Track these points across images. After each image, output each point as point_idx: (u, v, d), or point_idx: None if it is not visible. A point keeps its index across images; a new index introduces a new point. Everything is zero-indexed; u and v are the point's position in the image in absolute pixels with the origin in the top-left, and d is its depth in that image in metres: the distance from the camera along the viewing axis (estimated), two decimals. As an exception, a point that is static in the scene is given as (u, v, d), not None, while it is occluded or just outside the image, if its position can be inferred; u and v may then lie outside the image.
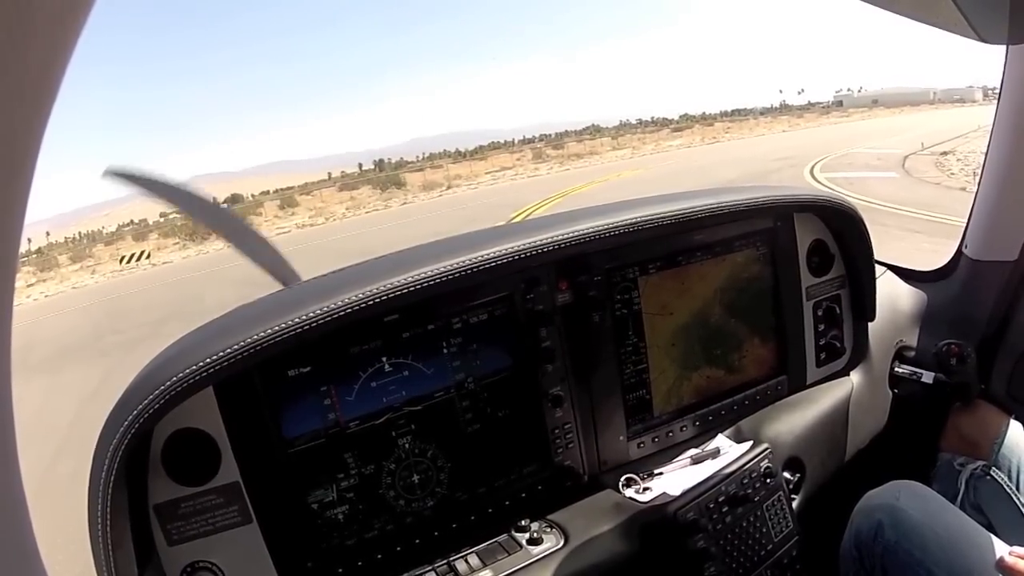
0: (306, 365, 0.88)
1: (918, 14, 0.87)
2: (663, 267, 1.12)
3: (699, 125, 49.39)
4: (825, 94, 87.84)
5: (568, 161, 32.74)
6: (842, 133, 25.51)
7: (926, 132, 17.33)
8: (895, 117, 39.01)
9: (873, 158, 14.45)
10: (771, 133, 37.33)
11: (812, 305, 1.29)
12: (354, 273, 0.90)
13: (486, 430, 1.02)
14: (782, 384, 1.27)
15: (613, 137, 44.48)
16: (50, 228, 40.83)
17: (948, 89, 58.70)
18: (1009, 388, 1.31)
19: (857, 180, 10.68)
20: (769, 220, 1.21)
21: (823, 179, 11.43)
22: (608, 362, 1.09)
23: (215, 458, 0.84)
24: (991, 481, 1.12)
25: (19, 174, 0.30)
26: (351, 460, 0.93)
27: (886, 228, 6.36)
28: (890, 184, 10.02)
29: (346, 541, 0.94)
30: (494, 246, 0.90)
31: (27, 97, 0.28)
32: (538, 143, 48.12)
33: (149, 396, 0.70)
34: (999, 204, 1.31)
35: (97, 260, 24.44)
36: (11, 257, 0.32)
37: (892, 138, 18.87)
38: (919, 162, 12.57)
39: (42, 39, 0.27)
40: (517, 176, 27.86)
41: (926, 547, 0.94)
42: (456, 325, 0.98)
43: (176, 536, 0.83)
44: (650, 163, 24.08)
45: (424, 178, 30.47)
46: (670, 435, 1.16)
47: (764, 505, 1.06)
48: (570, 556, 0.94)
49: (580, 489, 1.08)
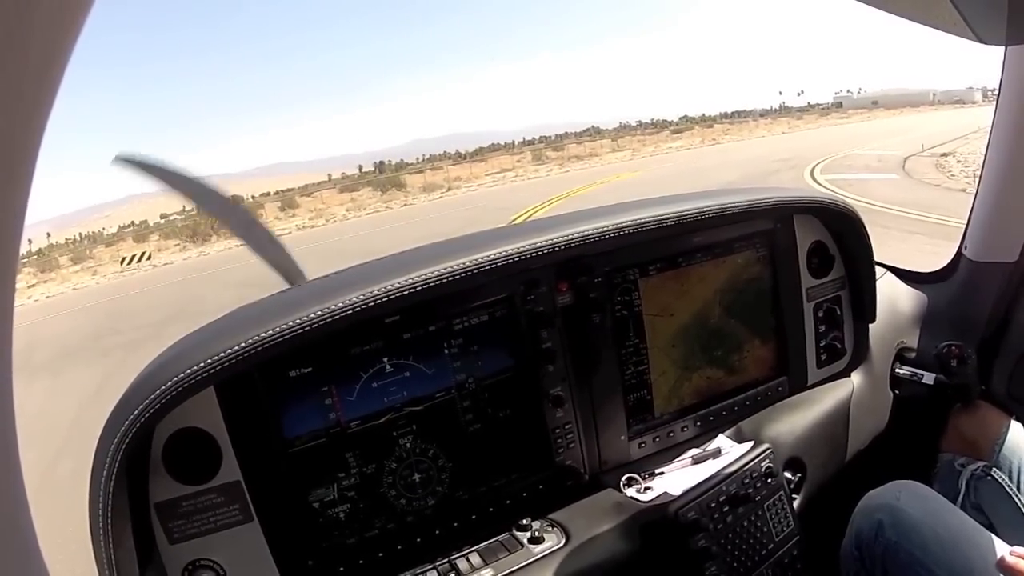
0: (307, 365, 0.88)
1: (916, 15, 0.87)
2: (663, 268, 1.12)
3: (699, 127, 49.42)
4: (825, 95, 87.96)
5: (568, 163, 32.72)
6: (842, 134, 25.48)
7: (926, 134, 17.32)
8: (895, 118, 39.02)
9: (873, 160, 14.47)
10: (771, 135, 37.28)
11: (812, 306, 1.29)
12: (355, 274, 0.90)
13: (487, 430, 1.02)
14: (783, 385, 1.27)
15: (613, 139, 44.49)
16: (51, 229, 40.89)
17: (948, 90, 58.75)
18: (1009, 389, 1.31)
19: (857, 182, 10.69)
20: (769, 222, 1.22)
21: (823, 180, 11.43)
22: (609, 363, 1.09)
23: (216, 457, 0.84)
24: (992, 481, 1.12)
25: (18, 175, 0.30)
26: (352, 459, 0.93)
27: (887, 230, 6.35)
28: (890, 186, 10.02)
29: (347, 540, 0.94)
30: (494, 248, 0.91)
31: (26, 97, 0.28)
32: (538, 145, 48.14)
33: (150, 396, 0.70)
34: (999, 205, 1.31)
35: (98, 261, 24.46)
36: (11, 258, 0.32)
37: (892, 139, 18.87)
38: (919, 164, 12.57)
39: (41, 39, 0.27)
40: (517, 178, 27.84)
41: (927, 547, 0.94)
42: (457, 326, 0.98)
43: (177, 534, 0.83)
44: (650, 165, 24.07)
45: (424, 180, 30.50)
46: (671, 435, 1.17)
47: (765, 505, 1.06)
48: (571, 555, 0.94)
49: (581, 488, 1.08)
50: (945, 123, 21.63)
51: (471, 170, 34.36)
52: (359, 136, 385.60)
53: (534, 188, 19.87)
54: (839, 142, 19.91)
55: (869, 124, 34.44)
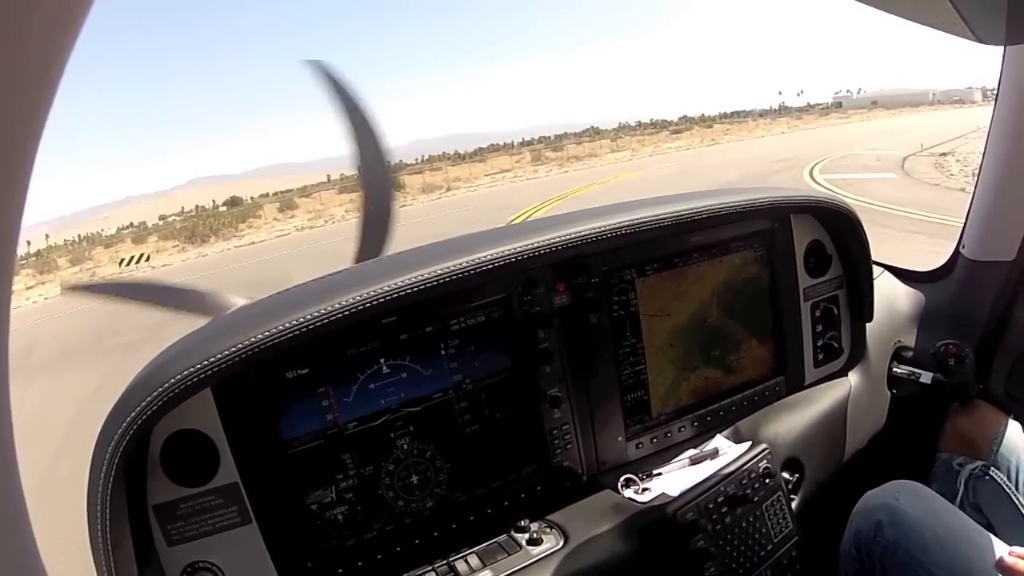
0: (304, 367, 0.88)
1: (915, 15, 0.87)
2: (660, 269, 1.12)
3: (698, 127, 49.40)
4: (824, 95, 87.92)
5: (567, 163, 32.65)
6: (841, 134, 25.42)
7: (926, 133, 17.30)
8: (894, 118, 38.93)
9: (872, 159, 14.46)
10: (770, 135, 37.14)
11: (810, 306, 1.29)
12: (352, 275, 0.90)
13: (485, 431, 1.02)
14: (780, 384, 1.28)
15: (611, 139, 44.45)
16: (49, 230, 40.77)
17: (948, 90, 58.79)
18: (1007, 388, 1.32)
19: (856, 181, 10.68)
20: (766, 221, 1.22)
21: (822, 180, 11.43)
22: (606, 363, 1.09)
23: (214, 459, 0.84)
24: (990, 481, 1.12)
25: (17, 175, 0.30)
26: (350, 461, 0.93)
27: (886, 229, 6.36)
28: (889, 185, 10.02)
29: (346, 541, 0.94)
30: (491, 248, 0.90)
31: (25, 97, 0.28)
32: (537, 145, 48.07)
33: (147, 398, 0.70)
34: (996, 204, 1.31)
35: (96, 263, 24.37)
36: (9, 258, 0.32)
37: (891, 139, 18.84)
38: (918, 163, 12.57)
39: (41, 39, 0.27)
40: (516, 179, 27.77)
41: (925, 547, 0.94)
42: (454, 327, 0.98)
43: (176, 536, 0.83)
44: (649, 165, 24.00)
45: (423, 180, 30.45)
46: (669, 436, 1.17)
47: (763, 505, 1.06)
48: (569, 556, 0.94)
49: (579, 489, 1.08)
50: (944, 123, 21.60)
51: (470, 171, 34.30)
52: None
53: (533, 188, 19.82)
54: (838, 142, 19.89)
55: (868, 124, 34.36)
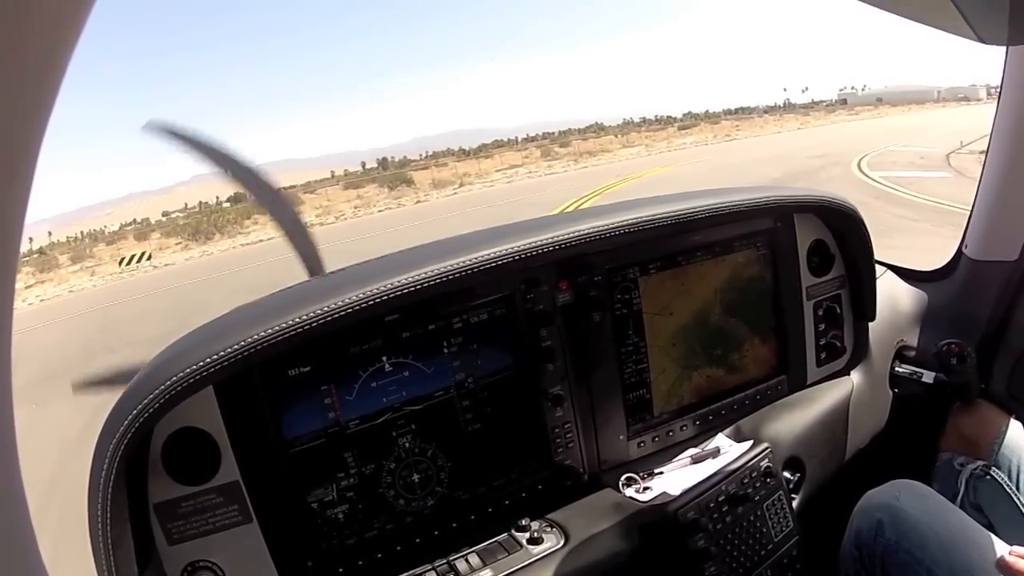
0: (306, 365, 0.88)
1: (918, 15, 0.87)
2: (663, 267, 1.12)
3: (704, 123, 49.01)
4: (828, 92, 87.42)
5: (581, 159, 32.25)
6: (860, 131, 24.55)
7: (952, 130, 16.56)
8: (904, 115, 38.05)
9: (916, 156, 13.95)
10: (785, 131, 36.16)
11: (812, 305, 1.29)
12: (355, 273, 0.90)
13: (486, 429, 1.02)
14: (782, 384, 1.27)
15: (617, 135, 44.17)
16: (52, 227, 40.74)
17: (952, 87, 58.43)
18: (1009, 388, 1.31)
19: (913, 180, 10.29)
20: (769, 220, 1.21)
21: (877, 177, 11.01)
22: (608, 362, 1.09)
23: (215, 457, 0.84)
24: (991, 481, 1.12)
25: (19, 174, 0.30)
26: (351, 459, 0.93)
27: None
28: (946, 184, 9.64)
29: (346, 540, 0.94)
30: (494, 246, 0.90)
31: (27, 96, 0.28)
32: (542, 141, 47.85)
33: (149, 395, 0.70)
34: (999, 204, 1.31)
35: (98, 260, 24.11)
36: (11, 257, 0.32)
37: (919, 136, 18.32)
38: (963, 161, 12.02)
39: (42, 38, 0.27)
40: (531, 174, 27.25)
41: (926, 546, 0.94)
42: (457, 325, 0.98)
43: (176, 535, 0.83)
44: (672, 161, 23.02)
45: (432, 176, 30.17)
46: (670, 434, 1.16)
47: (764, 505, 1.06)
48: (570, 555, 0.94)
49: (580, 488, 1.08)
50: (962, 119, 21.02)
51: (478, 166, 33.96)
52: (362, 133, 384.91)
53: (555, 185, 19.22)
54: (862, 138, 19.28)
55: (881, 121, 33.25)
